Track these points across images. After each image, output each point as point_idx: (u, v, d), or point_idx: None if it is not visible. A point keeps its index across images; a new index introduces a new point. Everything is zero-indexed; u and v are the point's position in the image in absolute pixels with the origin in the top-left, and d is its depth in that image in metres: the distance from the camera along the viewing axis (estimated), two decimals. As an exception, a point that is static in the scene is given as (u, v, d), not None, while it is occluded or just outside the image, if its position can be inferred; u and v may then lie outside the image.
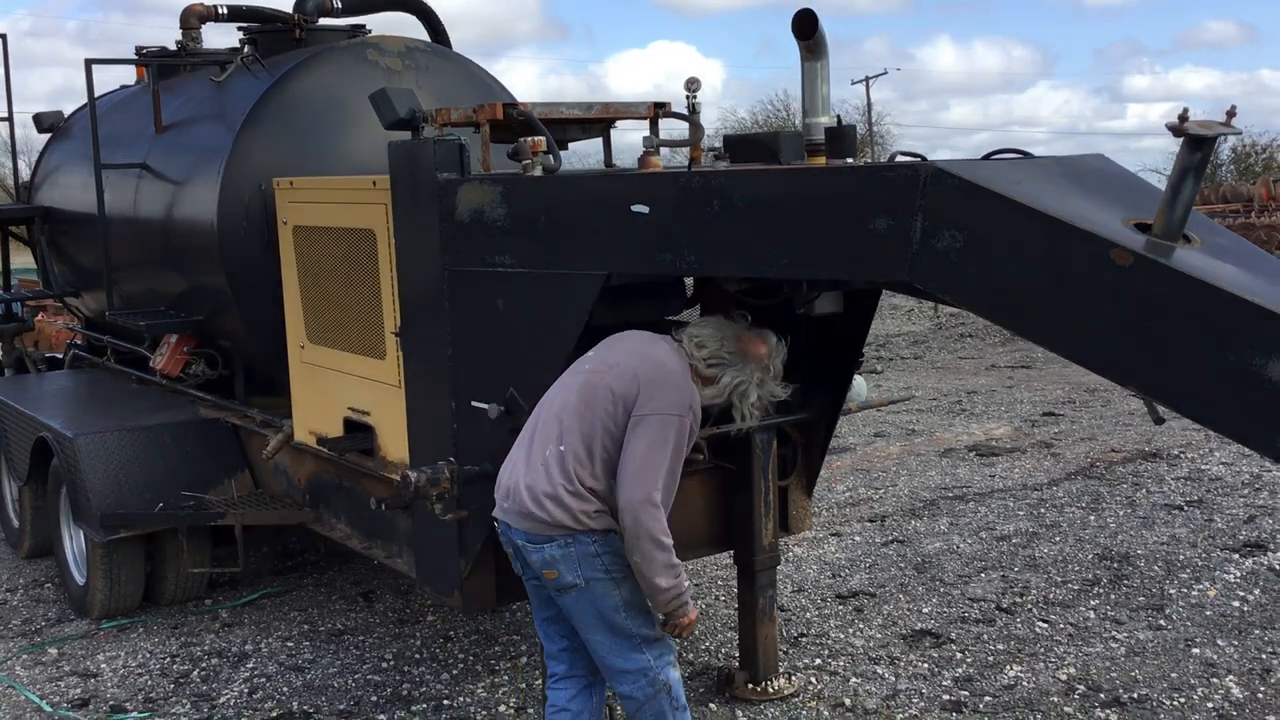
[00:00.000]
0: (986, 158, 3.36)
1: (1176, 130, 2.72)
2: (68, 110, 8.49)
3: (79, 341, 8.25)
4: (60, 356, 8.86)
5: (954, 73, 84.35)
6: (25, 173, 9.25)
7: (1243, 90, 78.63)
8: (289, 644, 5.63)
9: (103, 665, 5.47)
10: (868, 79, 46.66)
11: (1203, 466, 8.12)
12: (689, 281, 4.69)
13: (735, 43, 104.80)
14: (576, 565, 3.53)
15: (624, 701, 3.71)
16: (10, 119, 8.65)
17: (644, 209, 3.53)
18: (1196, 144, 2.73)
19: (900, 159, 3.22)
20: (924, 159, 3.07)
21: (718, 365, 3.71)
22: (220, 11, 6.58)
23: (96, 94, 6.44)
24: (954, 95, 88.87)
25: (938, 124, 72.49)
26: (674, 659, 3.73)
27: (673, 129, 4.51)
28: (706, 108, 4.40)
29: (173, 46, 6.78)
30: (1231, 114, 2.90)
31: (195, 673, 5.34)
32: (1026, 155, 3.36)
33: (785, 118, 44.39)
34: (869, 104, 46.50)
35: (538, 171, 3.97)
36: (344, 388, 5.01)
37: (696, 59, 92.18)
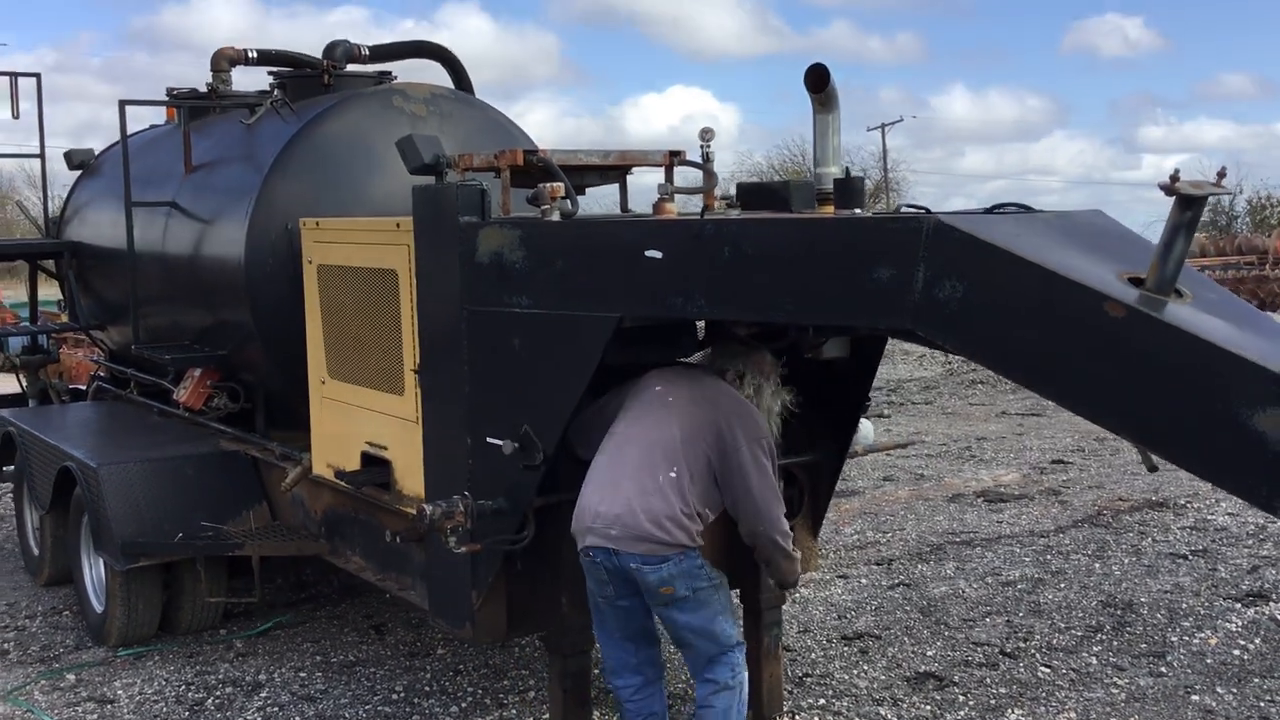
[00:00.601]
0: (989, 211, 3.47)
1: (1168, 190, 2.84)
2: (96, 148, 8.68)
3: (102, 374, 8.38)
4: (83, 388, 9.01)
5: (969, 121, 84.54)
6: (53, 207, 9.42)
7: (1258, 143, 78.52)
8: (302, 674, 5.72)
9: (119, 692, 5.57)
10: (883, 126, 46.99)
11: (1208, 517, 8.17)
12: (700, 324, 4.81)
13: (752, 88, 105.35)
14: (689, 579, 3.91)
15: (705, 684, 4.05)
16: (42, 155, 8.86)
17: (657, 254, 3.65)
18: (1187, 203, 2.84)
19: (905, 210, 3.34)
20: (928, 211, 3.18)
21: (755, 391, 4.17)
22: (250, 55, 6.75)
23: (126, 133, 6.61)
24: (969, 143, 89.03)
25: (952, 171, 72.48)
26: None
27: (687, 176, 4.64)
28: (722, 152, 4.57)
29: (202, 88, 6.95)
30: (1222, 174, 3.03)
31: (210, 701, 5.44)
32: (1028, 209, 3.48)
33: (801, 163, 44.61)
34: (884, 150, 46.80)
35: (556, 216, 4.09)
36: (363, 422, 5.13)
37: (713, 104, 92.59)
